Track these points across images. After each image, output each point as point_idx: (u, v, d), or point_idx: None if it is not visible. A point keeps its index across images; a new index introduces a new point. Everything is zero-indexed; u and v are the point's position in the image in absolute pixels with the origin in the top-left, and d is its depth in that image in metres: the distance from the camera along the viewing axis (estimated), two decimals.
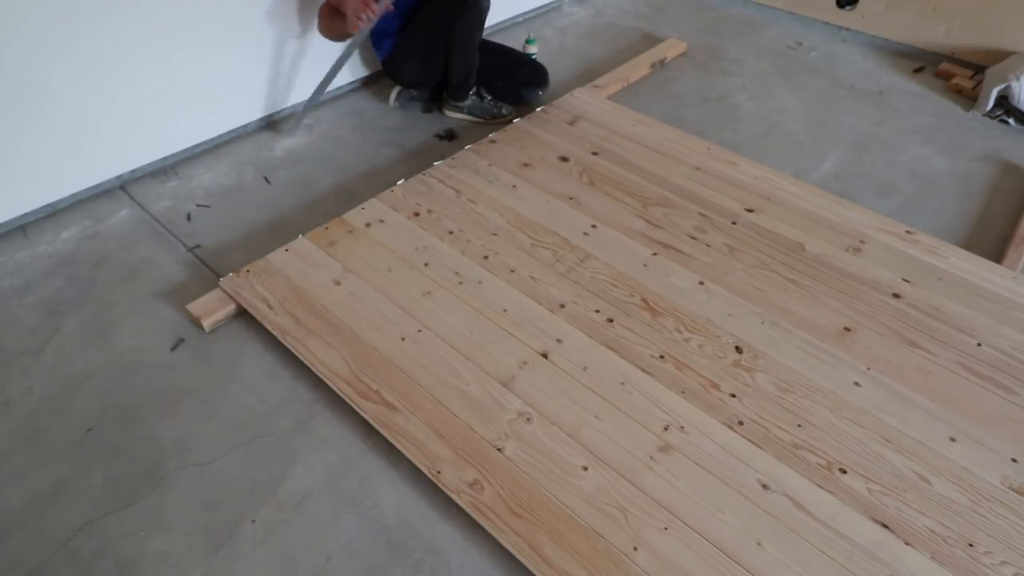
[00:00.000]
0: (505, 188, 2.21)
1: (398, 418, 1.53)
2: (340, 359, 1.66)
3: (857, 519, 1.38)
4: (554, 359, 1.67)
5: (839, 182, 2.39)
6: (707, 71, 3.05)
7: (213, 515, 1.42)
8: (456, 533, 1.39)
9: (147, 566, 1.34)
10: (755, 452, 1.49)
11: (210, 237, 2.10)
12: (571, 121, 2.51)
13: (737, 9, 3.60)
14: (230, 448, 1.54)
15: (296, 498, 1.45)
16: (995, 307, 1.84)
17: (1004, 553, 1.33)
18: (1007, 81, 2.66)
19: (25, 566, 1.34)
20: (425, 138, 2.59)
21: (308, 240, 1.99)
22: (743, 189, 2.23)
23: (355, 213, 2.09)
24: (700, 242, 2.03)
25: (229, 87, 2.40)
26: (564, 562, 1.29)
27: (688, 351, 1.71)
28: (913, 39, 3.14)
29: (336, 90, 2.78)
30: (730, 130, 2.65)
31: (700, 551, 1.32)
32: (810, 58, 3.17)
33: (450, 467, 1.44)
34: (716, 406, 1.58)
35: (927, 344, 1.74)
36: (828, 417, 1.56)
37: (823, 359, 1.70)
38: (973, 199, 2.34)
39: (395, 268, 1.91)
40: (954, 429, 1.55)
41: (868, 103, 2.84)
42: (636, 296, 1.85)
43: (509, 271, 1.91)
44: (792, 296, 1.86)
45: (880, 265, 1.96)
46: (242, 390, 1.66)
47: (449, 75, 2.52)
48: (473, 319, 1.76)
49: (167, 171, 2.35)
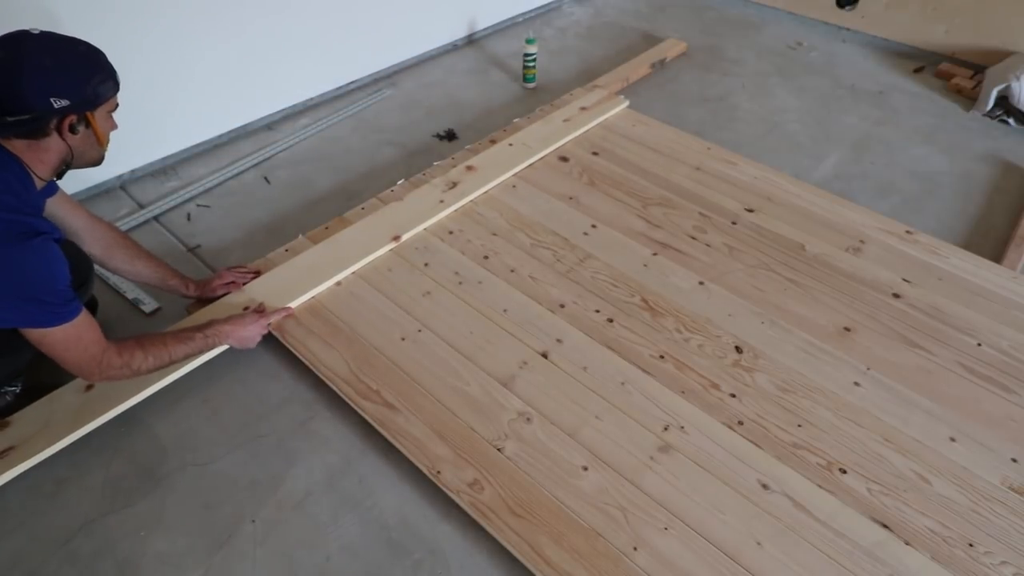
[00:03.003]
0: (505, 188, 2.21)
1: (398, 418, 1.53)
2: (340, 359, 1.65)
3: (857, 519, 1.38)
4: (554, 359, 1.67)
5: (839, 182, 2.39)
6: (707, 71, 3.05)
7: (213, 515, 1.42)
8: (456, 533, 1.39)
9: (147, 566, 1.34)
10: (755, 452, 1.49)
11: (210, 237, 2.10)
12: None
13: (737, 9, 3.60)
14: (230, 448, 1.54)
15: (296, 498, 1.45)
16: (995, 307, 1.84)
17: (1004, 553, 1.33)
18: (1007, 81, 2.66)
19: (25, 566, 1.34)
20: (425, 138, 2.59)
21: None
22: (743, 189, 2.23)
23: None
24: (700, 242, 2.03)
25: (230, 87, 2.40)
26: (564, 562, 1.29)
27: (688, 351, 1.70)
28: (913, 39, 3.14)
29: (336, 89, 2.78)
30: (730, 130, 2.65)
31: (700, 551, 1.31)
32: (810, 58, 3.17)
33: (450, 467, 1.44)
34: (716, 406, 1.58)
35: (927, 344, 1.74)
36: (828, 417, 1.56)
37: (823, 359, 1.70)
38: (973, 199, 2.34)
39: (395, 268, 1.91)
40: (954, 429, 1.55)
41: (868, 103, 2.84)
42: (636, 296, 1.85)
43: (509, 271, 1.91)
44: (792, 296, 1.86)
45: (880, 265, 1.96)
46: (242, 390, 1.65)
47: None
48: (473, 319, 1.76)
49: (167, 171, 2.35)
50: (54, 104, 1.20)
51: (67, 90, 1.21)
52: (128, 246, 1.65)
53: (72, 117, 1.24)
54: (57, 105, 1.20)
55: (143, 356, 1.41)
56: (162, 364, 1.46)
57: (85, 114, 1.26)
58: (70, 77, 1.22)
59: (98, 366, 1.35)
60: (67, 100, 1.21)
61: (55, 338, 1.27)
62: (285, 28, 2.45)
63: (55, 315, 1.25)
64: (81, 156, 1.33)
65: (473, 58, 3.13)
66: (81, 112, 1.25)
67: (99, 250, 1.60)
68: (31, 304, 1.23)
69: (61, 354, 1.30)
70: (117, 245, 1.63)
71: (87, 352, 1.33)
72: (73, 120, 1.24)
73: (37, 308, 1.23)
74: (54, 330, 1.26)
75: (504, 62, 3.08)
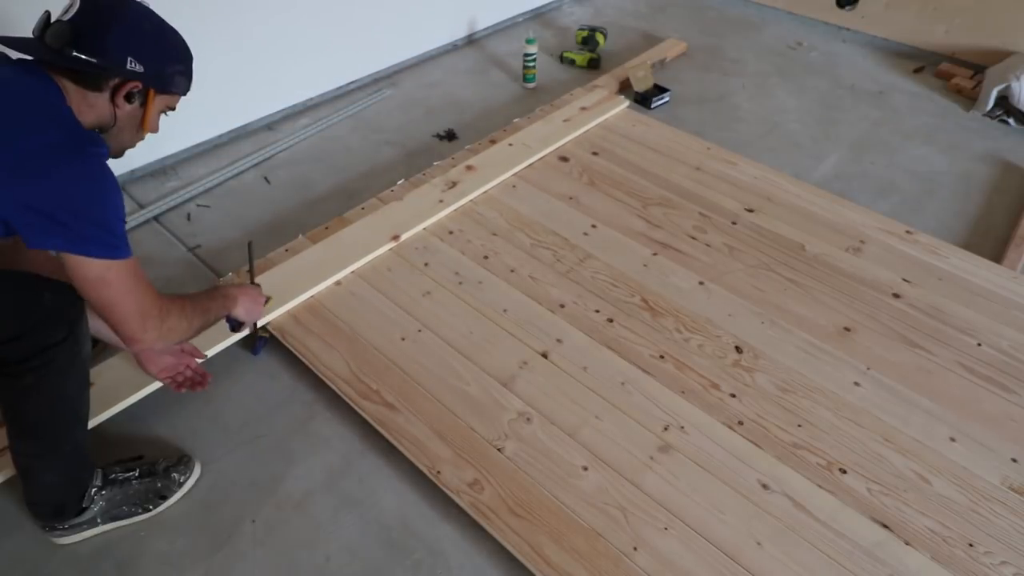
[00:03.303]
0: (505, 188, 2.21)
1: (398, 418, 1.53)
2: (340, 359, 1.65)
3: (857, 519, 1.38)
4: (554, 359, 1.67)
5: (839, 182, 2.39)
6: (707, 71, 3.05)
7: (213, 515, 1.42)
8: (456, 533, 1.39)
9: (147, 566, 1.34)
10: (755, 452, 1.49)
11: (210, 237, 2.10)
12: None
13: (737, 9, 3.60)
14: (230, 448, 1.53)
15: (296, 498, 1.45)
16: (995, 307, 1.84)
17: (1004, 553, 1.33)
18: (1007, 81, 2.66)
19: (25, 566, 1.34)
20: (425, 138, 2.59)
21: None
22: (743, 189, 2.23)
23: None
24: (700, 242, 2.03)
25: (230, 87, 2.40)
26: (564, 562, 1.29)
27: (688, 351, 1.70)
28: (913, 39, 3.14)
29: (336, 89, 2.78)
30: (730, 130, 2.65)
31: (700, 551, 1.31)
32: (810, 58, 3.17)
33: (450, 467, 1.44)
34: (716, 406, 1.58)
35: (927, 344, 1.74)
36: (828, 417, 1.56)
37: (823, 359, 1.70)
38: (973, 199, 2.34)
39: (395, 268, 1.91)
40: (954, 429, 1.55)
41: (868, 103, 2.84)
42: (636, 296, 1.85)
43: (509, 271, 1.91)
44: (792, 296, 1.86)
45: (880, 265, 1.96)
46: (242, 390, 1.65)
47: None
48: (473, 319, 1.76)
49: (167, 171, 2.35)
50: (128, 63, 1.11)
51: (148, 59, 1.14)
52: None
53: (135, 85, 1.15)
54: (130, 66, 1.12)
55: (183, 306, 1.26)
56: (203, 321, 1.32)
57: (148, 90, 1.18)
58: (157, 49, 1.17)
59: (159, 312, 1.18)
60: (142, 67, 1.13)
61: (119, 274, 1.10)
62: (285, 28, 2.45)
63: (122, 244, 1.09)
64: (118, 132, 1.20)
65: (473, 58, 3.13)
66: (147, 86, 1.17)
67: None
68: (100, 229, 1.06)
69: (122, 298, 1.12)
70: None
71: (148, 296, 1.16)
72: (135, 88, 1.15)
73: (107, 234, 1.07)
74: (121, 264, 1.09)
75: (504, 62, 3.08)
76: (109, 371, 1.58)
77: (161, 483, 1.41)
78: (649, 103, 2.72)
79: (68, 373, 1.21)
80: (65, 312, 1.17)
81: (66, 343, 1.16)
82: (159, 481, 1.41)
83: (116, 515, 1.37)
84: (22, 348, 1.13)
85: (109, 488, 1.36)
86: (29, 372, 1.14)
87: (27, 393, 1.18)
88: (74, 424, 1.28)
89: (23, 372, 1.14)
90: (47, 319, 1.15)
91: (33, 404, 1.19)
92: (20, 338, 1.12)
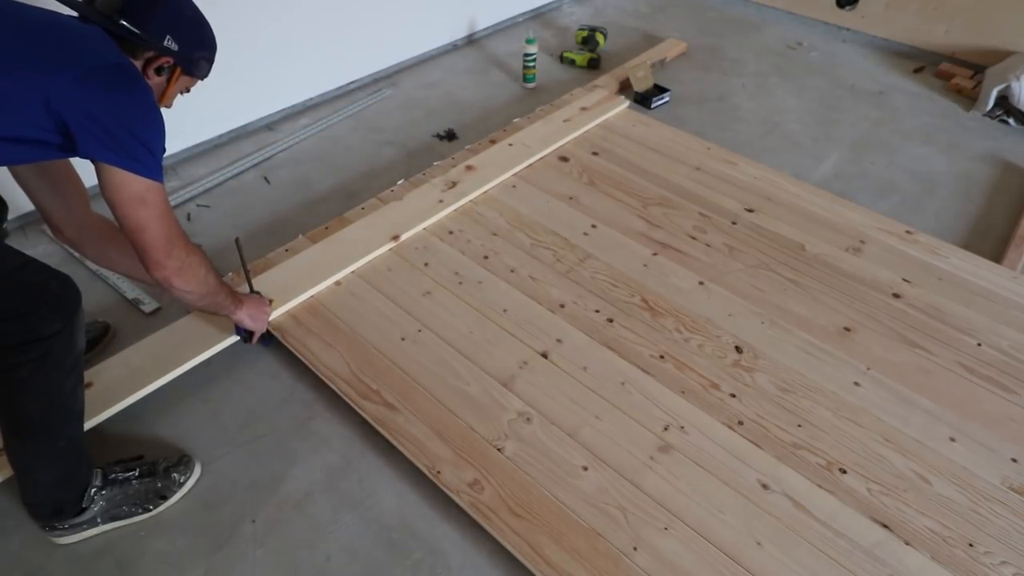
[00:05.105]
0: (505, 188, 2.21)
1: (398, 418, 1.53)
2: (340, 359, 1.65)
3: (857, 519, 1.38)
4: (554, 359, 1.67)
5: (839, 182, 2.39)
6: (707, 71, 3.05)
7: (213, 515, 1.42)
8: (456, 533, 1.39)
9: (147, 566, 1.34)
10: (755, 452, 1.49)
11: (210, 237, 2.10)
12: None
13: (737, 9, 3.60)
14: (230, 448, 1.54)
15: (296, 498, 1.45)
16: (995, 307, 1.84)
17: (1004, 553, 1.33)
18: (1007, 81, 2.66)
19: (25, 566, 1.34)
20: (425, 138, 2.59)
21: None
22: (743, 189, 2.23)
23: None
24: (700, 242, 2.03)
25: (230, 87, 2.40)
26: (564, 562, 1.29)
27: (688, 351, 1.70)
28: (913, 39, 3.14)
29: (336, 89, 2.78)
30: (730, 130, 2.65)
31: (700, 551, 1.31)
32: (810, 58, 3.17)
33: (450, 467, 1.44)
34: (716, 406, 1.58)
35: (927, 344, 1.74)
36: (828, 417, 1.56)
37: (823, 359, 1.70)
38: (973, 199, 2.34)
39: (395, 268, 1.91)
40: (954, 429, 1.55)
41: (868, 103, 2.84)
42: (636, 296, 1.85)
43: (509, 271, 1.91)
44: (792, 296, 1.86)
45: (880, 265, 1.96)
46: (242, 390, 1.66)
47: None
48: (473, 319, 1.76)
49: (167, 171, 2.35)
50: (166, 41, 1.23)
51: (183, 40, 1.26)
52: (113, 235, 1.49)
53: (167, 60, 1.26)
54: (167, 43, 1.24)
55: (204, 260, 1.37)
56: (214, 293, 1.42)
57: (176, 68, 1.29)
58: (193, 34, 1.29)
59: (184, 245, 1.29)
60: (177, 46, 1.25)
61: (156, 197, 1.20)
62: (285, 28, 2.45)
63: (161, 170, 1.20)
64: None
65: (473, 58, 3.13)
66: (176, 64, 1.28)
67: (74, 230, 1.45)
68: (148, 151, 1.17)
69: (155, 222, 1.21)
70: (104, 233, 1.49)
71: (177, 227, 1.27)
72: (165, 64, 1.26)
73: (154, 157, 1.18)
74: (159, 187, 1.20)
75: (504, 62, 3.08)
76: (109, 371, 1.58)
77: (161, 483, 1.41)
78: (649, 103, 2.72)
79: (63, 367, 1.22)
80: (64, 303, 1.21)
81: (61, 335, 1.19)
82: (159, 481, 1.41)
83: (116, 515, 1.38)
84: (18, 331, 1.15)
85: (109, 488, 1.37)
86: (24, 365, 1.16)
87: (22, 387, 1.19)
88: (69, 420, 1.29)
89: (18, 365, 1.16)
90: (47, 306, 1.18)
91: (28, 398, 1.21)
92: (19, 318, 1.14)
